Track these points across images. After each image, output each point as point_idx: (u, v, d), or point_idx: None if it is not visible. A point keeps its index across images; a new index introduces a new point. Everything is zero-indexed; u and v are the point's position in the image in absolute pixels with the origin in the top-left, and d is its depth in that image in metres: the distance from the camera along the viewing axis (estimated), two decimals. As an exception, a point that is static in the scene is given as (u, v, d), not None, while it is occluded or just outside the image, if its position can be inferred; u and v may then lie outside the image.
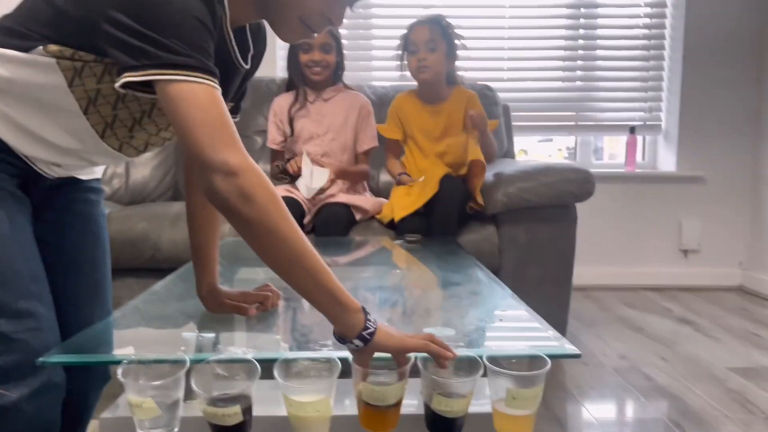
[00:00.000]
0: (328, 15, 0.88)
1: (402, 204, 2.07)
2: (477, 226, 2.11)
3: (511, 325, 1.06)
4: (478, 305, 1.18)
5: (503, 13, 3.10)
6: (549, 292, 2.12)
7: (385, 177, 2.60)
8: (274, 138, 2.34)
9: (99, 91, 0.85)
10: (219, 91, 0.76)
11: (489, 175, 2.24)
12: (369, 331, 0.76)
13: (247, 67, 0.96)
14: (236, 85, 1.00)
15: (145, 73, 0.73)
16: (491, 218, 2.12)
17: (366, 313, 0.78)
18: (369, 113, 2.36)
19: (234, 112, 1.06)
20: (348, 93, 2.36)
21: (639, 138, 3.20)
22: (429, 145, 2.27)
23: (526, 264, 2.10)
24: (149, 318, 1.09)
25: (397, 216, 2.03)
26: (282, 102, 2.35)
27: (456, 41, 2.21)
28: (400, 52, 2.26)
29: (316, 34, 0.91)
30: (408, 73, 2.28)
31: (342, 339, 0.78)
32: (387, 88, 2.77)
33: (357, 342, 0.77)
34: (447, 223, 2.00)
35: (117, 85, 0.76)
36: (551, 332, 0.94)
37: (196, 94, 0.73)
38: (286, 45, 2.51)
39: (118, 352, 0.88)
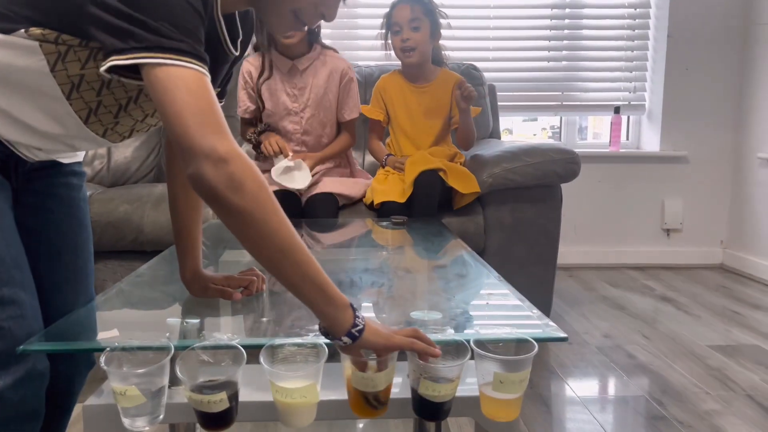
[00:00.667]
0: (321, 9, 0.86)
1: (381, 189, 2.07)
2: (463, 207, 2.10)
3: (497, 309, 1.06)
4: (464, 288, 1.18)
5: (489, -9, 3.07)
6: (534, 272, 2.14)
7: (370, 158, 2.58)
8: (246, 107, 2.20)
9: (83, 76, 0.82)
10: (208, 77, 0.74)
11: (473, 152, 2.24)
12: (358, 328, 0.75)
13: (237, 53, 0.94)
14: (225, 71, 0.98)
15: (133, 56, 0.70)
16: (477, 199, 2.12)
17: (354, 309, 0.77)
18: (351, 80, 2.22)
19: (220, 96, 1.05)
20: (325, 57, 2.19)
21: (623, 118, 3.21)
22: (410, 126, 2.25)
23: (512, 244, 2.11)
24: (133, 303, 1.08)
25: (377, 200, 2.03)
26: (251, 68, 2.19)
27: (440, 19, 2.18)
28: (383, 31, 2.22)
29: (306, 29, 0.90)
30: (393, 54, 2.25)
31: (327, 334, 0.78)
32: (373, 68, 2.75)
33: (345, 339, 0.76)
34: (427, 215, 1.99)
35: (102, 69, 0.73)
36: (537, 315, 0.94)
37: (186, 79, 0.71)
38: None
39: (102, 336, 0.87)
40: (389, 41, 2.22)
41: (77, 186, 1.03)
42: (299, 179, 2.06)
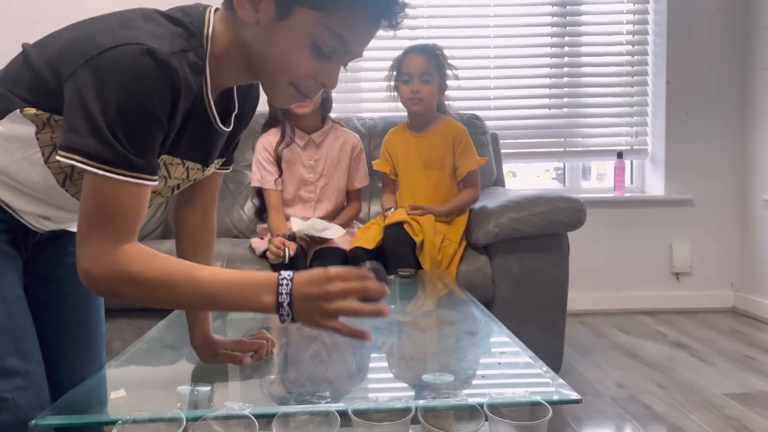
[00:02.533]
0: (320, 79, 0.85)
1: (358, 235, 2.12)
2: (470, 257, 2.10)
3: (509, 367, 1.05)
4: (475, 346, 1.17)
5: (488, 42, 3.14)
6: (544, 322, 2.12)
7: (375, 208, 2.60)
8: (258, 178, 2.27)
9: (75, 167, 0.84)
10: (139, 184, 0.78)
11: (480, 205, 2.25)
12: (284, 313, 0.78)
13: (228, 129, 0.95)
14: (219, 145, 0.98)
15: (71, 156, 0.75)
16: (483, 249, 2.12)
17: (278, 291, 0.78)
18: (360, 152, 2.36)
19: (227, 164, 1.06)
20: (338, 132, 2.33)
21: (626, 162, 3.23)
22: (409, 177, 2.27)
23: (520, 294, 2.10)
24: (142, 371, 1.07)
25: (353, 244, 2.07)
26: (267, 141, 2.29)
27: (449, 72, 2.22)
28: (392, 82, 2.25)
29: (308, 99, 0.90)
30: (398, 100, 2.28)
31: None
32: (376, 119, 2.79)
33: (284, 317, 0.79)
34: (402, 266, 1.97)
35: (58, 157, 0.77)
36: (550, 375, 0.93)
37: (105, 190, 0.77)
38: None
39: (112, 396, 0.86)
40: (395, 88, 2.25)
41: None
42: (331, 231, 2.13)
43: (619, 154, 3.14)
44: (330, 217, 2.29)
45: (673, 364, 2.33)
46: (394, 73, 2.24)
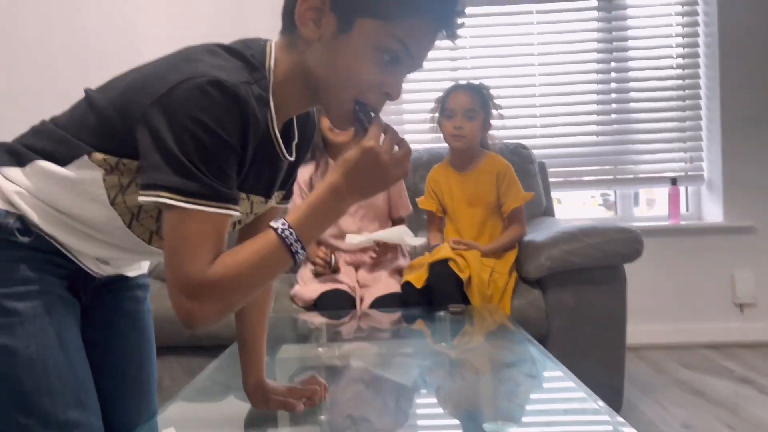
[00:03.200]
0: (385, 89, 0.85)
1: (408, 272, 2.09)
2: (522, 291, 2.04)
3: (574, 414, 0.99)
4: (535, 390, 1.12)
5: (533, 71, 3.10)
6: (601, 358, 2.03)
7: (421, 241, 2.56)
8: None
9: (141, 207, 0.85)
10: (225, 213, 0.78)
11: (531, 237, 2.19)
12: (294, 250, 0.80)
13: (292, 158, 0.95)
14: (282, 175, 0.98)
15: (155, 194, 0.75)
16: (536, 282, 2.06)
17: (282, 238, 0.80)
18: (401, 181, 2.32)
19: (286, 197, 1.06)
20: None
21: (681, 189, 3.11)
22: (454, 215, 2.23)
23: (576, 329, 2.02)
24: (195, 419, 1.05)
25: (403, 279, 2.06)
26: (301, 177, 2.27)
27: (493, 111, 2.19)
28: (435, 114, 2.23)
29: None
30: (440, 135, 2.26)
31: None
32: (420, 151, 2.77)
33: (300, 252, 0.81)
34: (449, 302, 1.93)
35: (140, 200, 0.77)
36: (611, 416, 0.88)
37: (191, 223, 0.76)
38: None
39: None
40: (437, 122, 2.23)
41: (142, 299, 1.04)
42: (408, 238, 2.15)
43: (673, 181, 3.03)
44: (371, 248, 2.25)
45: (741, 402, 2.19)
46: (438, 108, 2.22)
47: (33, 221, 0.85)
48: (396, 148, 0.83)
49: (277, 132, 0.87)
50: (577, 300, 2.02)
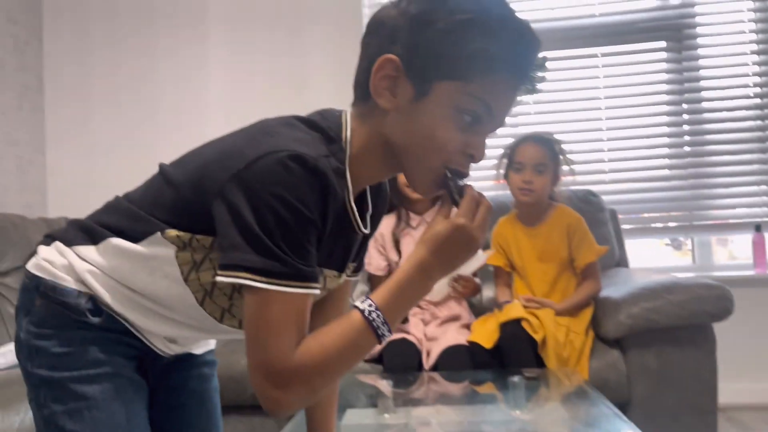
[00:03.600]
0: (470, 151, 0.82)
1: (476, 329, 1.99)
2: (600, 352, 1.92)
3: None
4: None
5: (600, 115, 3.00)
6: (691, 424, 1.87)
7: (488, 293, 2.46)
8: (378, 264, 2.24)
9: (215, 284, 0.82)
10: (307, 292, 0.75)
11: (607, 292, 2.07)
12: (381, 333, 0.78)
13: (367, 231, 0.92)
14: (356, 247, 0.95)
15: (235, 274, 0.73)
16: (615, 343, 1.93)
17: (368, 320, 0.77)
18: None
19: (357, 270, 1.02)
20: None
21: (766, 236, 2.90)
22: (524, 271, 2.14)
23: (661, 393, 1.87)
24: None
25: (470, 337, 1.96)
26: (382, 226, 2.28)
27: (564, 165, 2.11)
28: (502, 169, 2.16)
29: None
30: (506, 187, 2.19)
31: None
32: (484, 199, 2.69)
33: (386, 334, 0.78)
34: (520, 365, 1.83)
35: (218, 280, 0.75)
36: None
37: (275, 304, 0.74)
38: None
39: None
40: (506, 174, 2.16)
41: (209, 376, 1.01)
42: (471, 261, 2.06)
43: (757, 227, 2.84)
44: (444, 301, 2.19)
45: None
46: (506, 159, 2.14)
47: (104, 301, 0.84)
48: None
49: (353, 205, 0.84)
50: (661, 362, 1.87)
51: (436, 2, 0.79)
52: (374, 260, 2.26)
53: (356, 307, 0.78)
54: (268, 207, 0.72)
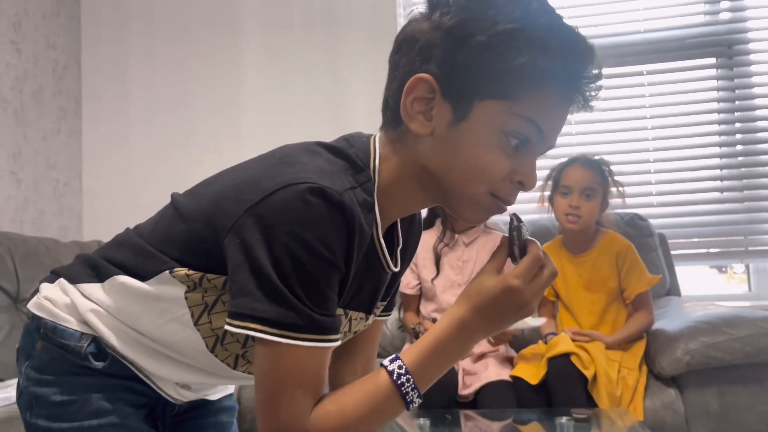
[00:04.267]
0: (518, 178, 0.72)
1: (520, 363, 1.88)
2: (655, 390, 1.79)
3: None
4: None
5: (646, 135, 2.87)
6: (756, 471, 1.71)
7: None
8: (407, 282, 2.14)
9: (227, 330, 0.74)
10: (326, 347, 0.67)
11: (660, 324, 1.93)
12: (410, 400, 0.69)
13: (396, 269, 0.83)
14: (384, 286, 0.86)
15: (245, 324, 0.65)
16: (672, 380, 1.79)
17: (397, 385, 0.69)
18: None
19: (388, 309, 0.93)
20: (489, 235, 2.17)
21: (829, 262, 2.72)
22: (570, 301, 2.02)
23: (723, 437, 1.73)
24: None
25: (514, 372, 1.85)
26: (427, 241, 2.15)
27: (613, 189, 2.00)
28: (548, 192, 2.06)
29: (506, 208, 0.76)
30: (550, 211, 2.08)
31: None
32: (524, 224, 2.58)
33: (416, 401, 0.70)
34: (568, 404, 1.70)
35: (227, 329, 0.67)
36: None
37: (288, 358, 0.66)
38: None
39: None
40: (551, 198, 2.06)
41: (228, 424, 0.93)
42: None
43: (820, 253, 2.66)
44: None
45: None
46: (550, 182, 2.04)
47: (109, 343, 0.76)
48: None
49: (382, 241, 0.76)
50: (723, 403, 1.73)
51: (475, 11, 0.69)
52: (404, 277, 2.14)
53: (384, 366, 0.69)
54: (285, 248, 0.64)
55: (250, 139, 2.92)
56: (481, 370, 1.93)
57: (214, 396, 0.92)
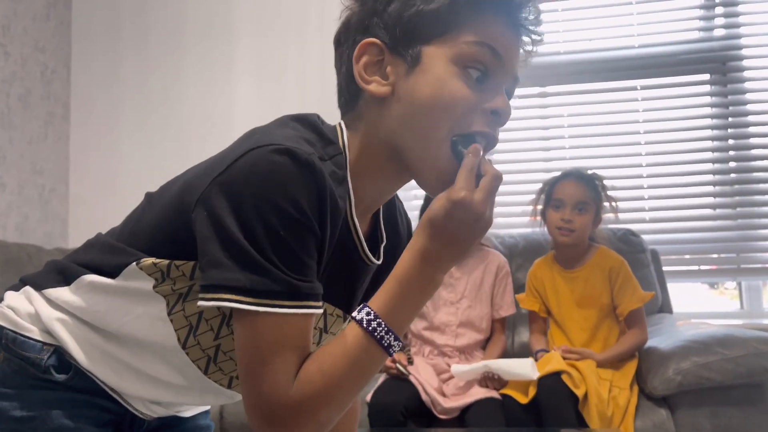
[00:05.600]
0: (489, 106, 0.69)
1: (512, 382, 1.82)
2: (646, 410, 1.76)
3: None
4: None
5: (639, 150, 2.85)
6: (748, 495, 1.68)
7: (519, 339, 2.31)
8: None
9: (201, 314, 0.71)
10: (307, 313, 0.64)
11: (653, 343, 1.90)
12: (386, 344, 0.65)
13: (379, 262, 0.79)
14: (366, 282, 0.81)
15: (218, 296, 0.62)
16: (663, 401, 1.76)
17: (370, 333, 0.65)
18: (507, 274, 2.13)
19: None
20: (482, 251, 2.14)
21: (822, 280, 2.71)
22: (561, 316, 1.99)
23: (715, 459, 1.69)
24: None
25: (503, 390, 1.81)
26: None
27: (606, 204, 1.98)
28: (539, 205, 2.04)
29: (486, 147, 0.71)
30: (542, 225, 2.06)
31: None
32: (516, 237, 2.56)
33: (394, 345, 0.66)
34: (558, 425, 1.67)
35: (200, 304, 0.64)
36: None
37: (266, 328, 0.63)
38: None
39: None
40: (543, 212, 2.03)
41: (202, 444, 0.89)
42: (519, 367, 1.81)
43: (812, 272, 2.64)
44: (473, 348, 2.04)
45: None
46: (543, 196, 2.01)
47: (72, 354, 0.72)
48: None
49: (356, 222, 0.72)
50: (715, 424, 1.71)
51: None
52: None
53: (353, 318, 0.66)
54: (254, 211, 0.61)
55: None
56: (468, 386, 1.88)
57: (187, 413, 0.87)
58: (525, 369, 1.75)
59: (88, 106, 3.00)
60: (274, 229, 0.61)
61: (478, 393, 1.82)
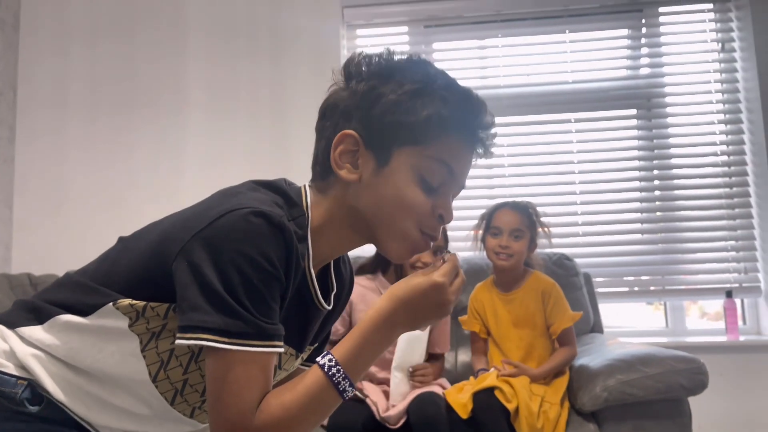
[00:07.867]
0: (438, 211, 0.83)
1: (453, 396, 1.91)
2: (576, 424, 1.88)
3: None
4: None
5: (573, 179, 3.04)
6: (668, 502, 1.82)
7: (462, 357, 2.42)
8: (336, 329, 2.10)
9: (173, 351, 0.79)
10: (272, 352, 0.74)
11: (583, 361, 2.04)
12: (342, 389, 0.76)
13: (329, 308, 0.89)
14: (316, 326, 0.92)
15: (196, 336, 0.71)
16: (592, 416, 1.90)
17: (330, 378, 0.76)
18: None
19: (319, 350, 0.99)
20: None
21: (737, 301, 2.93)
22: (499, 337, 2.11)
23: (638, 469, 1.83)
24: None
25: (446, 394, 1.93)
26: (360, 289, 2.14)
27: (540, 230, 2.13)
28: (479, 231, 2.18)
29: (431, 244, 0.85)
30: (482, 250, 2.19)
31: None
32: (461, 261, 2.67)
33: (349, 390, 0.76)
34: None
35: (178, 342, 0.73)
36: None
37: (238, 365, 0.72)
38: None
39: None
40: (483, 239, 2.17)
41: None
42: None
43: (728, 293, 2.86)
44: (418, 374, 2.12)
45: None
46: (483, 225, 2.16)
47: (46, 388, 0.78)
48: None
49: (313, 274, 0.83)
50: (637, 436, 1.84)
51: (383, 78, 0.82)
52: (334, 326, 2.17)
53: (317, 362, 0.76)
54: (232, 263, 0.71)
55: (190, 170, 2.92)
56: (412, 393, 1.96)
57: None
58: (414, 334, 1.91)
59: (34, 129, 2.98)
60: (248, 279, 0.71)
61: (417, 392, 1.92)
